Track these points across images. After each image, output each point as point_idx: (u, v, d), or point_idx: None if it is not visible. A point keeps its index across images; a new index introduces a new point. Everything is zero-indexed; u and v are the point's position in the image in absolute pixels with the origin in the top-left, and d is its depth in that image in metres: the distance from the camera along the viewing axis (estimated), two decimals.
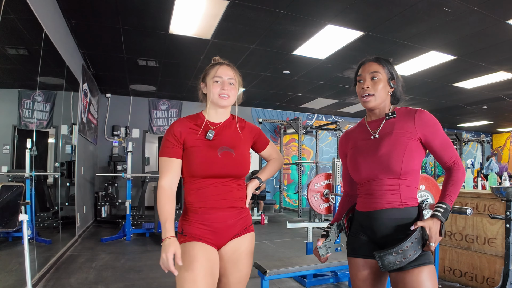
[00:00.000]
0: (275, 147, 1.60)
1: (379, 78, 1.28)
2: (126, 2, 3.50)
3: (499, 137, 12.42)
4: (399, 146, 1.21)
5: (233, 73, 1.38)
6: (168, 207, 1.26)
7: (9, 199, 1.73)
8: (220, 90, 1.33)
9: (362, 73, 1.31)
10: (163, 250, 1.17)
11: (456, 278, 3.14)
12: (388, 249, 1.13)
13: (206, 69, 1.42)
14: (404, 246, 1.12)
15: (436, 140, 1.23)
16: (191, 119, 1.38)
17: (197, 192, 1.31)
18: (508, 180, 3.72)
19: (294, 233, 5.69)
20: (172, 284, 3.08)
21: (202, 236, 1.30)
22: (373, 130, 1.31)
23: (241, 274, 1.35)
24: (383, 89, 1.28)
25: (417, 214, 1.22)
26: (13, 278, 2.54)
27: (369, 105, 1.29)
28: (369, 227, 1.26)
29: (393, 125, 1.26)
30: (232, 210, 1.34)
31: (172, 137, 1.32)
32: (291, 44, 4.58)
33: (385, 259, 1.14)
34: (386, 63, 1.31)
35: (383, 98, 1.29)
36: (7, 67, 2.78)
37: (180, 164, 1.33)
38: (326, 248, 1.34)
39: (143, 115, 7.79)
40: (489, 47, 4.46)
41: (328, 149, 9.72)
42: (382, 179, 1.23)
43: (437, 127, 1.24)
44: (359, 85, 1.31)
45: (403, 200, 1.21)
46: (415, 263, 1.14)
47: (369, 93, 1.28)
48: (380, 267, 1.15)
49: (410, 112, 1.26)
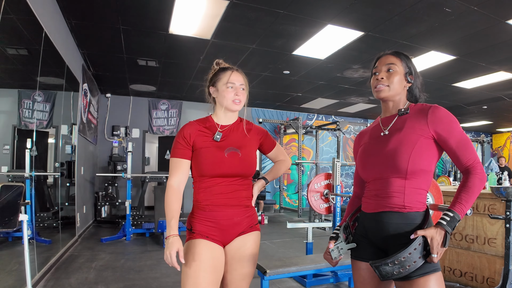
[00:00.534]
0: (281, 148, 1.62)
1: (396, 70, 1.23)
2: (126, 2, 3.50)
3: (499, 137, 12.42)
4: (407, 143, 1.14)
5: (243, 78, 1.45)
6: (175, 206, 1.34)
7: (9, 199, 1.73)
8: (234, 96, 1.40)
9: (378, 65, 1.26)
10: (167, 248, 1.25)
11: (456, 278, 3.14)
12: (384, 260, 1.07)
13: (215, 73, 1.47)
14: (401, 256, 1.05)
15: (452, 139, 1.13)
16: (201, 122, 1.44)
17: (205, 190, 1.37)
18: (508, 180, 3.72)
19: (294, 233, 5.69)
20: (172, 284, 3.08)
21: (209, 234, 1.35)
22: (385, 126, 1.25)
23: (245, 271, 1.39)
24: (398, 82, 1.23)
25: (422, 220, 1.14)
26: (13, 278, 2.54)
27: (381, 95, 1.24)
28: (371, 229, 1.22)
29: (405, 122, 1.20)
30: (239, 208, 1.39)
31: (182, 139, 1.39)
32: (291, 44, 4.58)
33: (381, 269, 1.07)
34: (404, 57, 1.26)
35: (398, 91, 1.24)
36: (7, 67, 2.78)
37: (189, 164, 1.40)
38: (338, 250, 1.29)
39: (143, 115, 7.79)
40: (489, 47, 4.45)
41: (328, 149, 9.72)
42: (387, 178, 1.17)
43: (453, 124, 1.14)
44: (374, 77, 1.26)
45: (407, 204, 1.14)
46: (421, 272, 1.07)
47: (382, 84, 1.23)
48: (379, 276, 1.09)
49: (424, 108, 1.20)
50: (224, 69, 1.45)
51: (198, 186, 1.39)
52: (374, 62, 1.31)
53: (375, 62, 1.30)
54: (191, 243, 1.34)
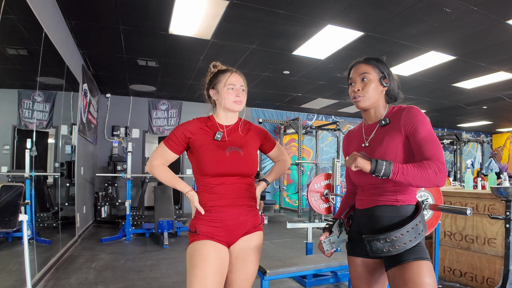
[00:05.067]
0: (282, 148, 1.64)
1: (370, 78, 1.26)
2: (126, 2, 3.50)
3: (499, 137, 12.42)
4: (389, 154, 1.18)
5: (243, 79, 1.47)
6: (170, 175, 1.43)
7: (9, 199, 1.73)
8: (235, 97, 1.42)
9: (352, 76, 1.31)
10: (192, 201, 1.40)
11: (456, 278, 3.14)
12: (376, 235, 1.14)
13: (214, 75, 1.48)
14: (393, 235, 1.12)
15: (419, 134, 1.14)
16: (203, 121, 1.46)
17: (209, 191, 1.38)
18: (508, 180, 3.72)
19: (294, 233, 5.69)
20: (172, 284, 3.08)
21: (215, 235, 1.36)
22: (367, 136, 1.30)
23: (248, 271, 1.40)
24: (374, 90, 1.26)
25: (412, 212, 1.20)
26: (13, 278, 2.54)
27: (360, 105, 1.28)
28: (366, 225, 1.26)
29: (385, 133, 1.23)
30: (243, 208, 1.40)
31: (181, 134, 1.41)
32: (291, 44, 4.58)
33: (373, 244, 1.14)
34: (376, 62, 1.29)
35: (376, 98, 1.27)
36: (7, 67, 2.78)
37: (175, 158, 1.45)
38: (330, 243, 1.33)
39: (143, 115, 7.79)
40: (489, 47, 4.46)
41: (328, 149, 9.72)
42: (378, 183, 1.23)
43: (423, 122, 1.16)
44: (351, 88, 1.31)
45: (399, 198, 1.20)
46: (413, 256, 1.13)
47: (359, 95, 1.27)
48: (368, 251, 1.16)
49: (399, 110, 1.24)
50: (223, 71, 1.46)
51: (201, 185, 1.40)
52: (348, 72, 1.35)
53: (349, 72, 1.34)
54: (197, 244, 1.33)
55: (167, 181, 1.43)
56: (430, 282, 1.09)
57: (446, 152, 11.40)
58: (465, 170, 9.31)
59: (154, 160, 1.42)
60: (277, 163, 1.62)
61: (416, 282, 1.08)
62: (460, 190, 3.41)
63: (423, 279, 1.08)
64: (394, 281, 1.16)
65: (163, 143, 1.43)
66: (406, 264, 1.12)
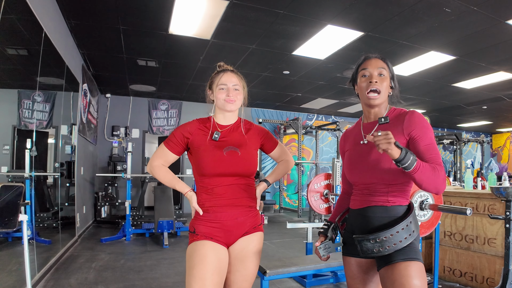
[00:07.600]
0: (284, 148, 1.61)
1: (385, 75, 1.24)
2: (126, 2, 3.50)
3: (499, 137, 12.42)
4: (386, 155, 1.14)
5: (237, 79, 1.45)
6: (170, 175, 1.45)
7: (9, 199, 1.73)
8: (226, 96, 1.41)
9: (368, 68, 1.24)
10: (190, 202, 1.42)
11: (456, 278, 3.14)
12: (366, 235, 1.14)
13: (211, 76, 1.49)
14: (383, 236, 1.11)
15: (422, 142, 1.15)
16: (201, 122, 1.47)
17: (207, 191, 1.38)
18: (508, 180, 3.73)
19: (294, 233, 5.69)
20: (171, 284, 3.08)
21: (213, 235, 1.35)
22: (366, 134, 1.28)
23: (247, 272, 1.40)
24: (387, 88, 1.25)
25: (404, 213, 1.19)
26: (13, 278, 2.54)
27: (375, 102, 1.23)
28: (358, 225, 1.27)
29: None
30: (242, 208, 1.40)
31: (180, 134, 1.42)
32: (291, 44, 4.58)
33: (363, 244, 1.14)
34: (389, 62, 1.29)
35: (386, 97, 1.26)
36: (7, 67, 2.78)
37: (175, 159, 1.46)
38: (325, 248, 1.34)
39: (143, 115, 7.79)
40: (489, 47, 4.46)
41: (328, 149, 9.72)
42: (372, 183, 1.23)
43: (426, 130, 1.16)
44: (365, 79, 1.24)
45: (390, 199, 1.20)
46: (403, 257, 1.11)
47: (376, 88, 1.21)
48: (359, 252, 1.16)
49: (401, 114, 1.22)
50: (218, 72, 1.47)
51: (200, 186, 1.40)
52: (360, 63, 1.29)
53: (361, 63, 1.28)
54: (196, 245, 1.33)
55: (167, 181, 1.44)
56: (418, 283, 1.06)
57: (446, 152, 11.40)
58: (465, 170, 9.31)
59: (154, 161, 1.44)
60: (280, 163, 1.61)
61: (403, 283, 1.06)
62: (460, 190, 3.41)
63: (410, 281, 1.06)
64: (383, 281, 1.15)
65: (163, 144, 1.44)
66: (394, 265, 1.11)
